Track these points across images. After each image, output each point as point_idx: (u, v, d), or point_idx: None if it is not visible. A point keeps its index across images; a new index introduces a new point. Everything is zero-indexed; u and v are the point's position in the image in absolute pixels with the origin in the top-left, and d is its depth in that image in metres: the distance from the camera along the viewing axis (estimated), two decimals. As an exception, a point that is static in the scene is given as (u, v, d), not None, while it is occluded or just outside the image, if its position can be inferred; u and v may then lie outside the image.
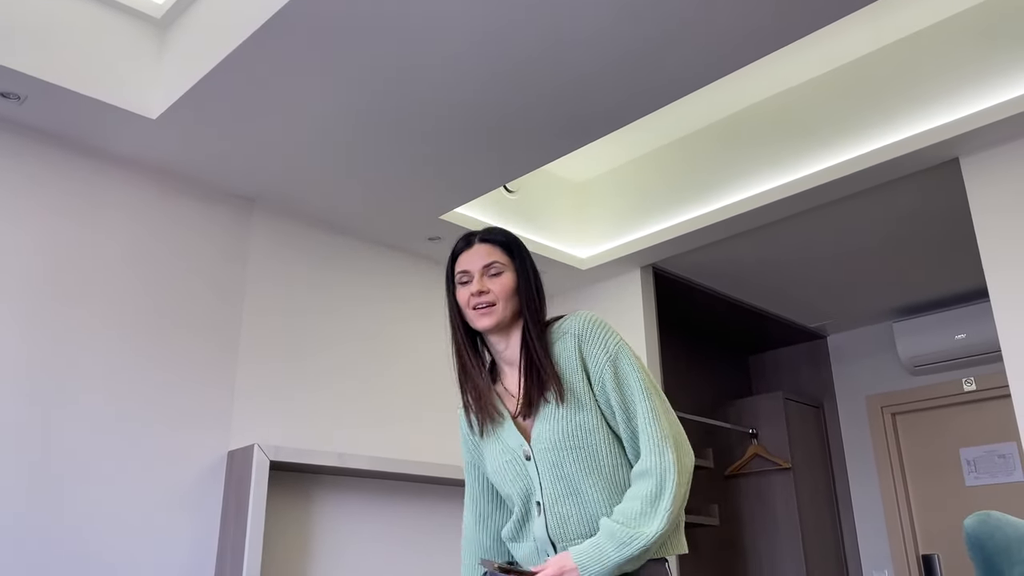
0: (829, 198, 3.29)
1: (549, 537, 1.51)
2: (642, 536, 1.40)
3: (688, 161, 3.68)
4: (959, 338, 4.37)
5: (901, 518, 4.54)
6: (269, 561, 2.93)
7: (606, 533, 1.43)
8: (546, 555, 1.52)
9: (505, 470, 1.57)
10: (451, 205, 3.32)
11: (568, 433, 1.50)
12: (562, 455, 1.50)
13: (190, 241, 3.04)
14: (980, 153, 2.97)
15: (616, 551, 1.41)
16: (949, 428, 4.52)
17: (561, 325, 1.62)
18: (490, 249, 1.61)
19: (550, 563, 1.44)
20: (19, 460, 2.48)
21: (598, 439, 1.51)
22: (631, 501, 1.46)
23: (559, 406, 1.52)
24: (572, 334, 1.57)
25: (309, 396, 3.21)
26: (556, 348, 1.59)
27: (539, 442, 1.53)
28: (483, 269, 1.59)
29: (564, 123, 2.79)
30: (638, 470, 1.48)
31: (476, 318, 1.58)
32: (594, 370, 1.53)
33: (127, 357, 2.78)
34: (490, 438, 1.62)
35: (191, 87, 2.51)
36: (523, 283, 1.61)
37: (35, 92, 2.52)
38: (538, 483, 1.52)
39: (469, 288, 1.59)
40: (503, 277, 1.59)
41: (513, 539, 1.61)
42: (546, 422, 1.52)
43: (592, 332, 1.56)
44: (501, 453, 1.58)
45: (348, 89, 2.53)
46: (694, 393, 4.89)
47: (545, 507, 1.51)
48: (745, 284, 4.24)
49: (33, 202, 2.69)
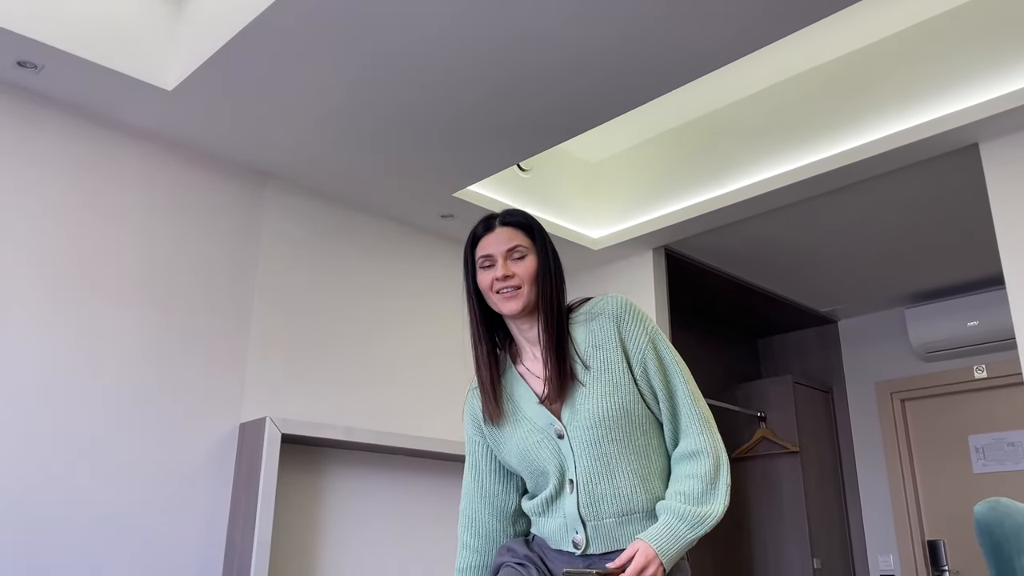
0: (846, 182, 3.27)
1: (580, 515, 1.52)
2: (711, 515, 1.44)
3: (703, 142, 3.66)
4: (971, 325, 4.36)
5: (908, 504, 4.55)
6: (280, 530, 2.96)
7: (677, 515, 1.44)
8: (575, 532, 1.52)
9: (537, 449, 1.56)
10: (465, 183, 3.31)
11: (606, 413, 1.50)
12: (600, 433, 1.50)
13: (204, 215, 3.05)
14: (1000, 139, 2.95)
15: (690, 531, 1.43)
16: (958, 415, 4.52)
17: (593, 307, 1.61)
18: (512, 233, 1.60)
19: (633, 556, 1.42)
20: (33, 432, 2.50)
21: (635, 419, 1.52)
22: (690, 480, 1.47)
23: (596, 386, 1.52)
24: (609, 316, 1.57)
25: (320, 370, 3.22)
26: (589, 328, 1.58)
27: (575, 420, 1.52)
28: (507, 253, 1.58)
29: (578, 103, 2.77)
30: (687, 450, 1.51)
31: (501, 302, 1.57)
32: (635, 352, 1.54)
33: (139, 330, 2.79)
34: (511, 420, 1.61)
35: (207, 59, 2.50)
36: (545, 266, 1.60)
37: (52, 61, 2.52)
38: (572, 461, 1.52)
39: (492, 272, 1.58)
40: (527, 260, 1.58)
41: (540, 514, 1.60)
42: (584, 401, 1.52)
43: (631, 314, 1.57)
44: (530, 433, 1.57)
45: (365, 65, 2.52)
46: (703, 375, 4.90)
47: (579, 485, 1.51)
48: (757, 267, 4.23)
49: (48, 171, 2.69)
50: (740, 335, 5.31)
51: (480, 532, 1.68)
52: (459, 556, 1.69)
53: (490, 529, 1.67)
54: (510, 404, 1.62)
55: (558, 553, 1.58)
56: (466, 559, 1.68)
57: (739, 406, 4.83)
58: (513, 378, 1.64)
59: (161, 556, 2.67)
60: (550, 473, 1.55)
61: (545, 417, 1.56)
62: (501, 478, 1.68)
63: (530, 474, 1.60)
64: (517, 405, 1.61)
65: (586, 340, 1.57)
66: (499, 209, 3.56)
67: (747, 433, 4.81)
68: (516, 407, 1.61)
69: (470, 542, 1.68)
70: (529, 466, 1.58)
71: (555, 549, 1.59)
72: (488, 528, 1.67)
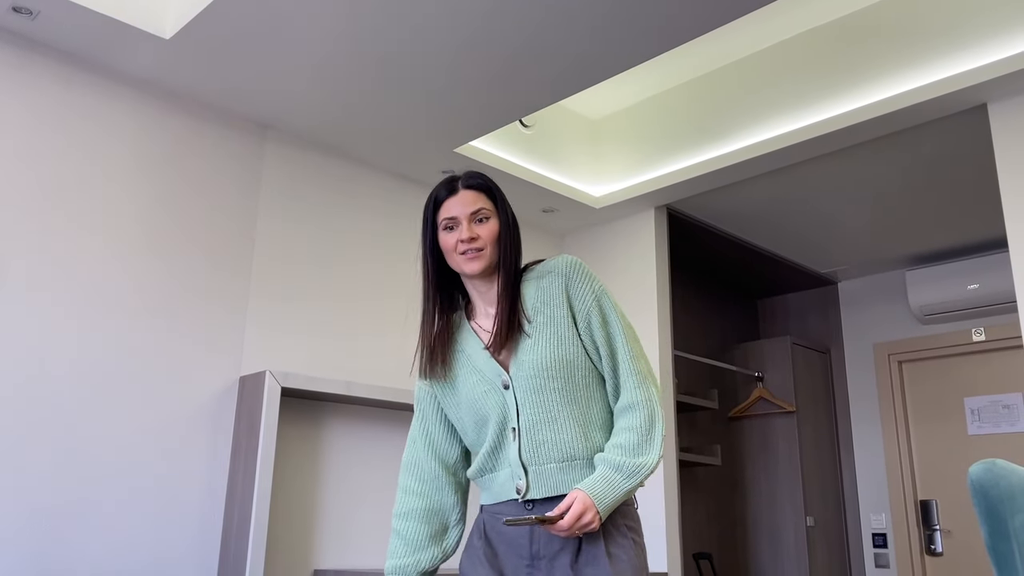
0: (850, 142, 3.24)
1: (522, 461, 1.58)
2: (646, 465, 1.53)
3: (707, 101, 3.61)
4: (972, 288, 4.35)
5: (902, 464, 4.59)
6: (279, 482, 2.98)
7: (613, 465, 1.52)
8: (519, 479, 1.58)
9: (484, 399, 1.62)
10: (466, 138, 3.27)
11: (549, 362, 1.58)
12: (542, 382, 1.58)
13: (202, 167, 3.02)
14: (1010, 99, 2.91)
15: (626, 480, 1.51)
16: (955, 377, 4.54)
17: (544, 266, 1.70)
18: (476, 196, 1.66)
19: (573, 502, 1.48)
20: (30, 387, 2.50)
21: (576, 371, 1.60)
22: (627, 433, 1.56)
23: (541, 338, 1.61)
24: (558, 273, 1.66)
25: (320, 325, 3.22)
26: (540, 285, 1.67)
27: (520, 370, 1.60)
28: (471, 215, 1.64)
29: (581, 58, 2.73)
30: (625, 403, 1.59)
31: (465, 263, 1.64)
32: (580, 307, 1.63)
33: (137, 283, 2.78)
34: (462, 372, 1.68)
35: (206, 7, 2.45)
36: (505, 228, 1.67)
37: (47, 7, 2.47)
38: (515, 410, 1.60)
39: (456, 234, 1.64)
40: (490, 223, 1.65)
41: (486, 471, 1.65)
42: (529, 352, 1.60)
43: (579, 272, 1.66)
44: (478, 383, 1.64)
45: (365, 14, 2.47)
46: (702, 334, 4.91)
47: (521, 432, 1.58)
48: (758, 227, 4.21)
49: (42, 120, 2.66)
50: (740, 295, 5.31)
51: (424, 477, 1.72)
52: (399, 501, 1.72)
53: (435, 475, 1.72)
54: (462, 356, 1.69)
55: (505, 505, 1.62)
56: (407, 503, 1.71)
57: (737, 366, 4.85)
58: (467, 333, 1.71)
59: (161, 509, 2.70)
60: (492, 422, 1.62)
61: (493, 369, 1.63)
62: (447, 428, 1.75)
63: (475, 424, 1.66)
64: (469, 357, 1.68)
65: (535, 296, 1.66)
66: (500, 166, 3.53)
67: (744, 392, 4.83)
68: (468, 359, 1.68)
69: (412, 486, 1.72)
70: (475, 415, 1.65)
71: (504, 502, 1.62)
72: (433, 473, 1.72)
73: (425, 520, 1.70)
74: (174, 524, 2.72)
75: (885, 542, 4.59)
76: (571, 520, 1.46)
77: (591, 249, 4.16)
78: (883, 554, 4.59)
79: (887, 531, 4.60)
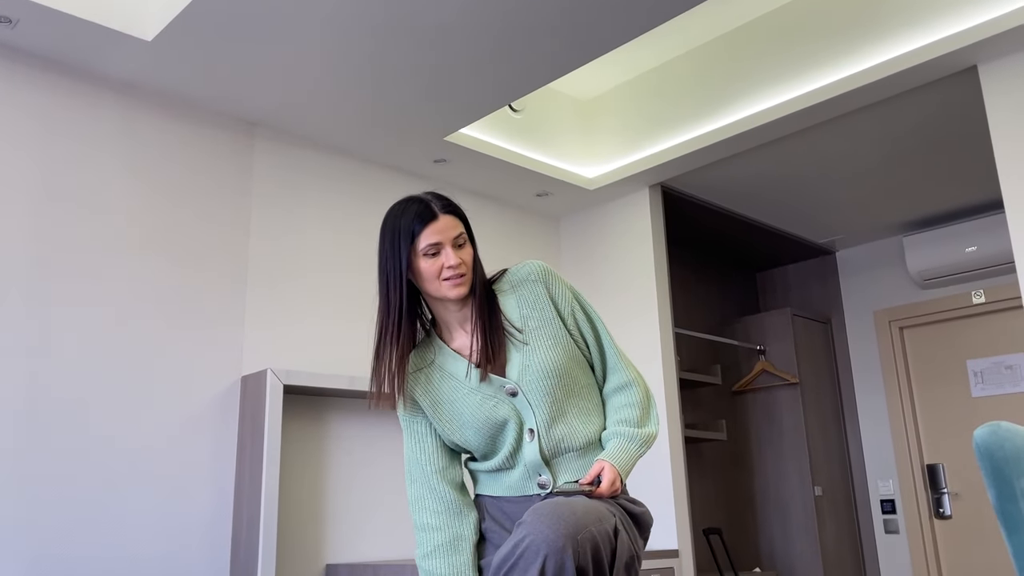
0: (841, 111, 3.22)
1: (544, 458, 1.63)
2: (651, 435, 1.69)
3: (696, 76, 3.59)
4: (970, 251, 4.35)
5: (907, 430, 4.60)
6: (287, 479, 2.99)
7: (626, 437, 1.66)
8: (539, 475, 1.63)
9: (495, 411, 1.64)
10: (456, 126, 3.25)
11: (554, 362, 1.66)
12: (553, 382, 1.65)
13: (192, 168, 3.00)
14: (1000, 60, 2.89)
15: (638, 449, 1.66)
16: (957, 341, 4.54)
17: (514, 276, 1.74)
18: (455, 221, 1.66)
19: (602, 471, 1.60)
20: (30, 392, 2.50)
21: (575, 366, 1.70)
22: (629, 408, 1.70)
23: (539, 342, 1.67)
24: (536, 280, 1.72)
25: (319, 320, 3.22)
26: (519, 294, 1.71)
27: (527, 375, 1.65)
28: (453, 240, 1.64)
29: (569, 38, 2.71)
30: (619, 383, 1.73)
31: (450, 289, 1.64)
32: (564, 306, 1.73)
33: (135, 287, 2.77)
34: (454, 396, 1.68)
35: (185, 7, 2.43)
36: (475, 250, 1.71)
37: (27, 15, 2.45)
38: (530, 411, 1.64)
39: (439, 260, 1.63)
40: (467, 247, 1.68)
41: (498, 469, 1.68)
42: (531, 356, 1.66)
43: (553, 276, 1.75)
44: (484, 400, 1.65)
45: (347, 7, 2.45)
46: (703, 310, 4.90)
47: (539, 432, 1.63)
48: (754, 201, 4.19)
49: (30, 128, 2.64)
50: (738, 269, 5.31)
51: (438, 509, 1.67)
52: (422, 542, 1.66)
53: (449, 501, 1.68)
54: (453, 382, 1.69)
55: (520, 499, 1.66)
56: (431, 541, 1.65)
57: (739, 340, 4.85)
58: (450, 357, 1.71)
59: (171, 511, 2.70)
60: (510, 429, 1.64)
61: (494, 382, 1.66)
62: (447, 452, 1.73)
63: (487, 437, 1.66)
64: (461, 382, 1.68)
65: (518, 305, 1.71)
66: (492, 153, 3.51)
67: (747, 367, 4.84)
68: (460, 384, 1.68)
69: (431, 522, 1.66)
70: (490, 430, 1.65)
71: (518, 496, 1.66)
72: (446, 502, 1.68)
73: (454, 551, 1.64)
74: (184, 525, 2.72)
75: (894, 508, 4.61)
76: (607, 486, 1.58)
77: (587, 231, 4.15)
78: (892, 520, 4.61)
79: (895, 497, 4.61)
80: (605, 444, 1.68)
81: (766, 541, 4.62)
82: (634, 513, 1.64)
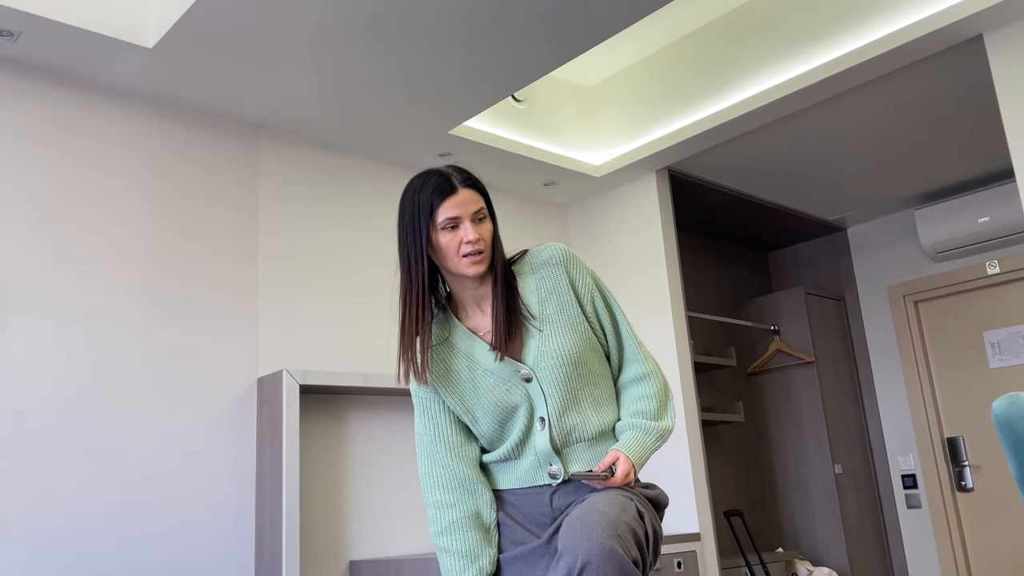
0: (847, 86, 3.20)
1: (554, 447, 1.61)
2: (668, 429, 1.65)
3: (699, 57, 3.57)
4: (982, 221, 4.31)
5: (925, 403, 4.58)
6: (307, 478, 3.01)
7: (642, 429, 1.62)
8: (550, 464, 1.61)
9: (508, 395, 1.62)
10: (460, 119, 3.25)
11: (571, 350, 1.62)
12: (568, 370, 1.61)
13: (199, 172, 3.02)
14: (1006, 28, 2.86)
15: (654, 442, 1.62)
16: (972, 312, 4.51)
17: (534, 258, 1.69)
18: (475, 195, 1.61)
19: (617, 463, 1.57)
20: (59, 400, 2.53)
21: (592, 353, 1.66)
22: (646, 400, 1.66)
23: (556, 328, 1.63)
24: (557, 263, 1.68)
25: (332, 319, 3.23)
26: (538, 277, 1.67)
27: (543, 361, 1.62)
28: (473, 215, 1.60)
29: (571, 24, 2.70)
30: (636, 374, 1.69)
31: (469, 265, 1.59)
32: (584, 292, 1.68)
33: (147, 294, 2.79)
34: (471, 377, 1.65)
35: (184, 13, 2.44)
36: (495, 226, 1.66)
37: (28, 28, 2.46)
38: (543, 399, 1.61)
39: (458, 234, 1.58)
40: (487, 223, 1.63)
41: (507, 458, 1.66)
42: (548, 342, 1.62)
43: (575, 260, 1.70)
44: (498, 383, 1.63)
45: (346, 4, 2.45)
46: (715, 293, 4.89)
47: (551, 420, 1.61)
48: (762, 181, 4.17)
49: (36, 140, 2.66)
50: (750, 250, 5.28)
51: (451, 486, 1.65)
52: (435, 519, 1.64)
53: (463, 479, 1.65)
54: (465, 359, 1.66)
55: (531, 489, 1.64)
56: (445, 517, 1.63)
57: (752, 321, 4.83)
58: (464, 336, 1.67)
59: (194, 514, 2.73)
60: (520, 415, 1.62)
61: (509, 365, 1.63)
62: (462, 429, 1.70)
63: (497, 421, 1.64)
64: (476, 361, 1.65)
65: (537, 288, 1.67)
66: (497, 144, 3.51)
67: (762, 347, 4.82)
68: (474, 363, 1.65)
69: (443, 499, 1.64)
70: (500, 414, 1.63)
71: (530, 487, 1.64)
72: (460, 479, 1.65)
73: (469, 527, 1.62)
74: (207, 527, 2.75)
75: (915, 482, 4.59)
76: (621, 476, 1.56)
77: (595, 218, 4.14)
78: (914, 494, 4.59)
79: (916, 471, 4.60)
80: (620, 435, 1.64)
81: (788, 521, 4.62)
82: (649, 496, 1.63)
